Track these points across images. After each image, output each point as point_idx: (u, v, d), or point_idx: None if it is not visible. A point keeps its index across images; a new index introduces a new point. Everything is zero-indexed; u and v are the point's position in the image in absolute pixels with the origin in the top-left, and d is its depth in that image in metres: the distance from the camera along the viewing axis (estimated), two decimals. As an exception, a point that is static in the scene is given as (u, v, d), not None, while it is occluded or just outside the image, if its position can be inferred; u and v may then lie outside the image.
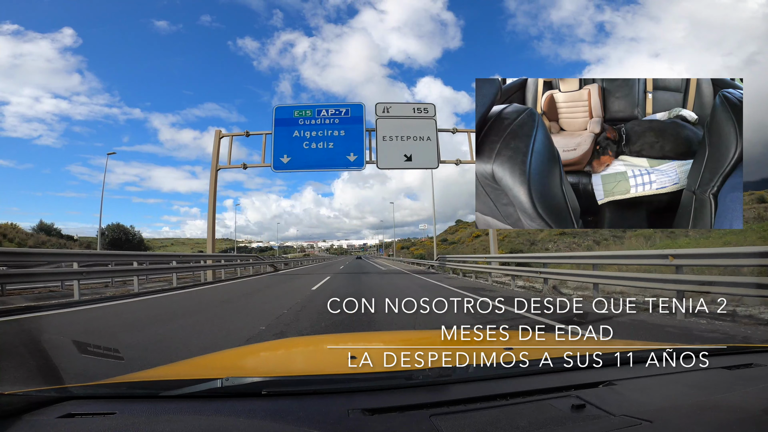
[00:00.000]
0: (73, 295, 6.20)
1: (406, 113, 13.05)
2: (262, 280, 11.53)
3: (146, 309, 5.37)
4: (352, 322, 3.50)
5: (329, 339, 1.90)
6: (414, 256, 36.64)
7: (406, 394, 0.87)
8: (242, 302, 6.13)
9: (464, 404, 0.83)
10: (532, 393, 0.88)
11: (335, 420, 0.76)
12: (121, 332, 3.77)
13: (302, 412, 0.78)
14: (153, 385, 0.95)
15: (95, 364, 1.63)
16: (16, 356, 2.23)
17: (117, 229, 33.44)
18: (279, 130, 12.94)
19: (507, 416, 0.79)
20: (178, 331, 3.69)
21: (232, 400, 0.85)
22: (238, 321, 4.29)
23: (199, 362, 1.40)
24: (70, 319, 4.46)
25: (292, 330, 3.66)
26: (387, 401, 0.83)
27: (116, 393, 0.92)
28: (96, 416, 0.78)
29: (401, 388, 0.90)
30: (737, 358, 1.10)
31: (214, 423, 0.75)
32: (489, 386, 0.91)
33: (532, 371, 0.97)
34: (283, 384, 0.92)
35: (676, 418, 0.78)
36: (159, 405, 0.84)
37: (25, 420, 0.76)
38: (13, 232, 24.34)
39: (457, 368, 0.94)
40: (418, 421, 0.76)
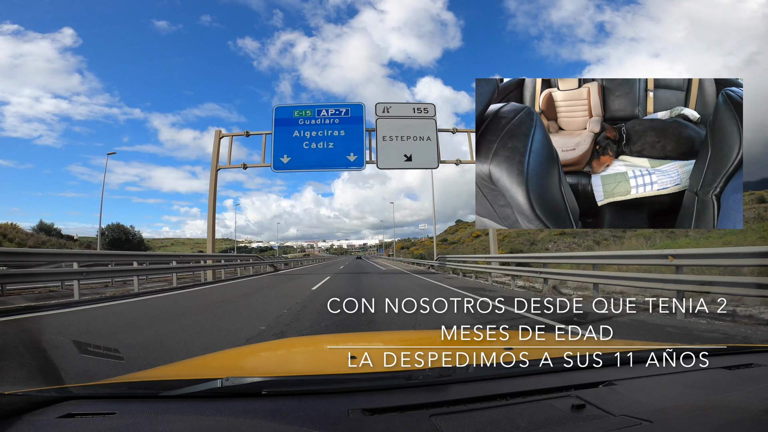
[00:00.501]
0: (73, 295, 6.21)
1: (406, 113, 13.06)
2: (262, 280, 11.54)
3: (145, 309, 5.37)
4: (352, 322, 3.50)
5: (329, 339, 1.90)
6: (414, 256, 36.69)
7: (406, 394, 0.88)
8: (242, 302, 6.13)
9: (464, 404, 0.83)
10: (532, 393, 0.88)
11: (335, 420, 0.76)
12: (120, 332, 3.77)
13: (302, 412, 0.79)
14: (153, 385, 0.96)
15: (95, 364, 1.63)
16: (15, 356, 2.24)
17: (117, 229, 33.55)
18: (279, 130, 12.94)
19: (507, 416, 0.79)
20: (177, 332, 3.70)
21: (233, 400, 0.85)
22: (238, 321, 4.29)
23: (199, 362, 1.40)
24: (69, 319, 4.47)
25: (292, 330, 3.67)
26: (387, 401, 0.84)
27: (116, 393, 0.92)
28: (96, 416, 0.78)
29: (401, 388, 0.90)
30: (737, 358, 1.10)
31: (214, 423, 0.75)
32: (489, 386, 0.91)
33: (532, 371, 0.98)
34: (283, 384, 0.92)
35: (676, 418, 0.78)
36: (159, 405, 0.84)
37: (25, 420, 0.76)
38: (13, 232, 24.39)
39: (457, 368, 0.94)
40: (418, 421, 0.76)
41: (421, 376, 0.91)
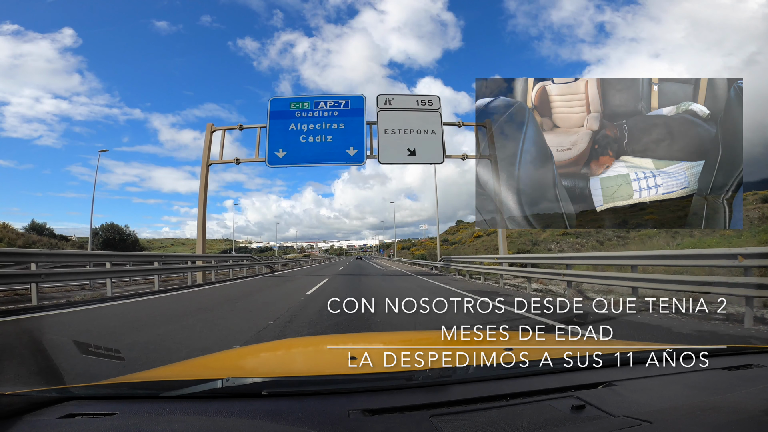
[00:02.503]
0: (31, 299, 5.66)
1: (409, 105, 12.71)
2: (254, 282, 11.35)
3: (98, 319, 4.81)
4: (351, 323, 3.50)
5: (329, 339, 1.92)
6: (414, 256, 36.74)
7: (406, 395, 0.90)
8: (222, 311, 5.55)
9: (464, 405, 0.85)
10: (533, 393, 0.90)
11: (335, 420, 0.78)
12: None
13: (302, 412, 0.81)
14: (154, 386, 0.98)
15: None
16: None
17: (111, 228, 33.42)
18: (274, 123, 12.69)
19: (507, 417, 0.81)
20: (124, 351, 3.15)
21: (233, 400, 0.87)
22: (208, 338, 3.74)
23: (199, 363, 1.42)
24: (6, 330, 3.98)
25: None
26: (387, 402, 0.86)
27: (117, 393, 0.94)
28: (97, 416, 0.80)
29: (401, 388, 0.92)
30: (737, 358, 1.13)
31: (215, 423, 0.77)
32: (489, 387, 0.93)
33: (533, 372, 1.00)
34: (283, 384, 0.94)
35: (676, 418, 0.80)
36: (160, 405, 0.86)
37: (26, 420, 0.78)
38: (3, 232, 24.28)
39: (457, 369, 0.96)
40: (418, 421, 0.78)
41: (421, 377, 0.93)
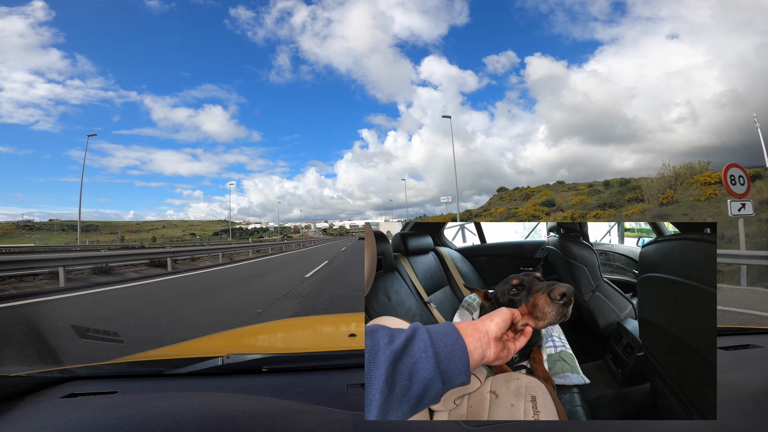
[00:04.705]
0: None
1: None
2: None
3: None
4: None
5: (328, 319, 1.98)
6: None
7: None
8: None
9: None
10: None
11: (335, 395, 0.81)
12: None
13: (302, 387, 0.84)
14: (155, 364, 1.02)
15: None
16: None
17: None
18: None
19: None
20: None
21: (233, 377, 0.91)
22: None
23: (200, 342, 1.47)
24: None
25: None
26: None
27: (118, 372, 0.98)
28: (98, 395, 0.83)
29: None
30: (734, 339, 1.15)
31: (214, 398, 0.80)
32: None
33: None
34: (283, 360, 0.98)
35: None
36: (160, 383, 0.90)
37: (28, 401, 0.81)
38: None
39: None
40: None
41: None
